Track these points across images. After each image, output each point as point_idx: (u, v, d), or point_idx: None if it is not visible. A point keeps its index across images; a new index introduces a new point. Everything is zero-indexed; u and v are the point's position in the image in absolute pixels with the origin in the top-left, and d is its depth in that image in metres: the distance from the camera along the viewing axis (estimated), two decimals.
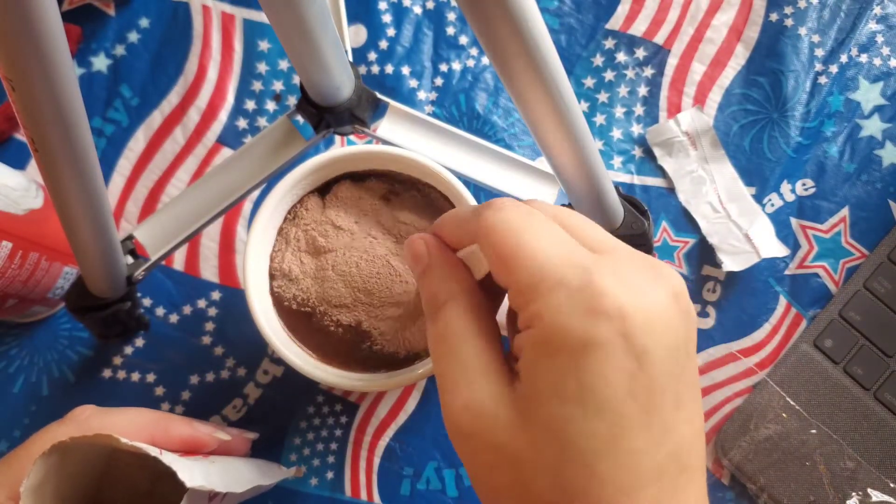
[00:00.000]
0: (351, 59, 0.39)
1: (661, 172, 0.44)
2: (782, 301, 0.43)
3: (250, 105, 0.45)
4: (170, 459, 0.25)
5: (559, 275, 0.21)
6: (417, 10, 0.46)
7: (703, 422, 0.22)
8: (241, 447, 0.35)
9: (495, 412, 0.22)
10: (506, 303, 0.24)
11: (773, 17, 0.46)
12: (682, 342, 0.21)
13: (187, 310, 0.43)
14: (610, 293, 0.20)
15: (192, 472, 0.25)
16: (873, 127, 0.45)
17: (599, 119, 0.45)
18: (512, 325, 0.24)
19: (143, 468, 0.31)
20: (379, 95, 0.37)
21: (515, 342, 0.22)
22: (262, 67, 0.46)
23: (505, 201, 0.23)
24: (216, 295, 0.43)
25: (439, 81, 0.46)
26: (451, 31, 0.46)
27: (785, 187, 0.44)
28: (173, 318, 0.43)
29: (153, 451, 0.25)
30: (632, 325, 0.20)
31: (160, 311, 0.43)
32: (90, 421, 0.30)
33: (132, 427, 0.30)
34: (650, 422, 0.20)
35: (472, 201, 0.34)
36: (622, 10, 0.46)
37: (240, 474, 0.31)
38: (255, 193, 0.43)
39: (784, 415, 0.40)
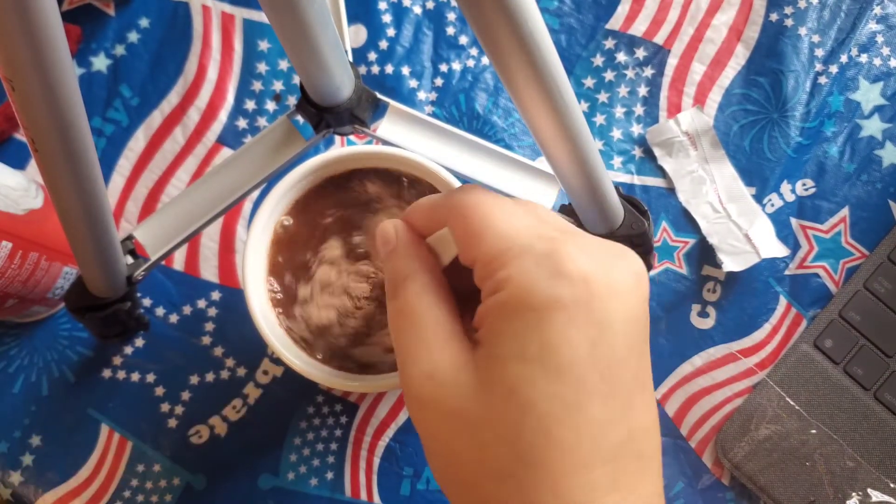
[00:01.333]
0: (351, 59, 0.39)
1: (661, 172, 0.44)
2: (782, 301, 0.43)
3: (250, 105, 0.45)
4: None
5: (527, 243, 0.21)
6: (417, 10, 0.46)
7: (657, 415, 0.22)
8: None
9: (455, 378, 0.22)
10: None
11: (774, 17, 0.46)
12: (642, 324, 0.22)
13: (187, 310, 0.43)
14: (575, 260, 0.21)
15: None
16: (873, 127, 0.45)
17: (599, 119, 0.45)
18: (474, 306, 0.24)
19: None
20: (379, 95, 0.37)
21: (479, 312, 0.22)
22: (261, 67, 0.46)
23: (474, 185, 0.24)
24: (216, 295, 0.43)
25: (439, 81, 0.46)
26: (451, 31, 0.46)
27: (785, 187, 0.44)
28: (173, 318, 0.43)
29: None
30: (595, 292, 0.20)
31: (160, 311, 0.43)
32: None
33: None
34: (611, 393, 0.20)
35: None
36: (622, 10, 0.46)
37: None
38: (255, 193, 0.43)
39: (784, 415, 0.40)
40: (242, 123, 0.45)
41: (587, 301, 0.20)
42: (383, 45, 0.46)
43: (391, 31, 0.46)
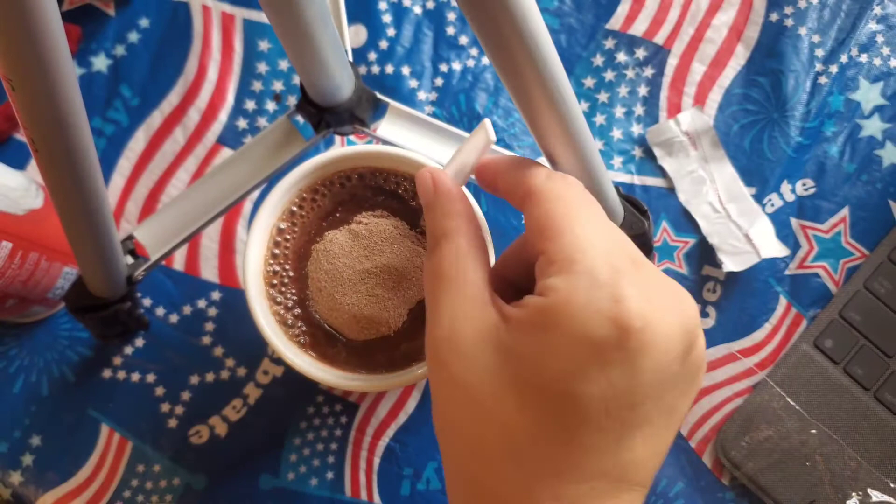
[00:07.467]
0: (351, 59, 0.39)
1: (662, 172, 0.44)
2: (782, 301, 0.43)
3: (250, 105, 0.45)
4: None
5: (592, 264, 0.21)
6: (417, 10, 0.46)
7: (665, 447, 0.22)
8: None
9: (473, 351, 0.22)
10: None
11: (774, 17, 0.46)
12: (672, 376, 0.21)
13: (187, 310, 0.43)
14: (629, 301, 0.20)
15: None
16: (873, 127, 0.45)
17: (599, 119, 0.45)
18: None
19: None
20: (379, 95, 0.37)
21: (525, 299, 0.22)
22: (262, 67, 0.46)
23: (572, 178, 0.24)
24: (216, 295, 0.43)
25: (439, 81, 0.46)
26: (451, 31, 0.46)
27: (785, 187, 0.44)
28: (173, 318, 0.43)
29: None
30: (634, 344, 0.20)
31: (160, 312, 0.43)
32: None
33: None
34: (610, 427, 0.21)
35: (473, 201, 0.34)
36: (622, 10, 0.46)
37: None
38: (255, 193, 0.43)
39: (784, 415, 0.40)
40: (242, 123, 0.45)
41: (622, 349, 0.20)
42: (383, 45, 0.46)
43: (391, 31, 0.46)
